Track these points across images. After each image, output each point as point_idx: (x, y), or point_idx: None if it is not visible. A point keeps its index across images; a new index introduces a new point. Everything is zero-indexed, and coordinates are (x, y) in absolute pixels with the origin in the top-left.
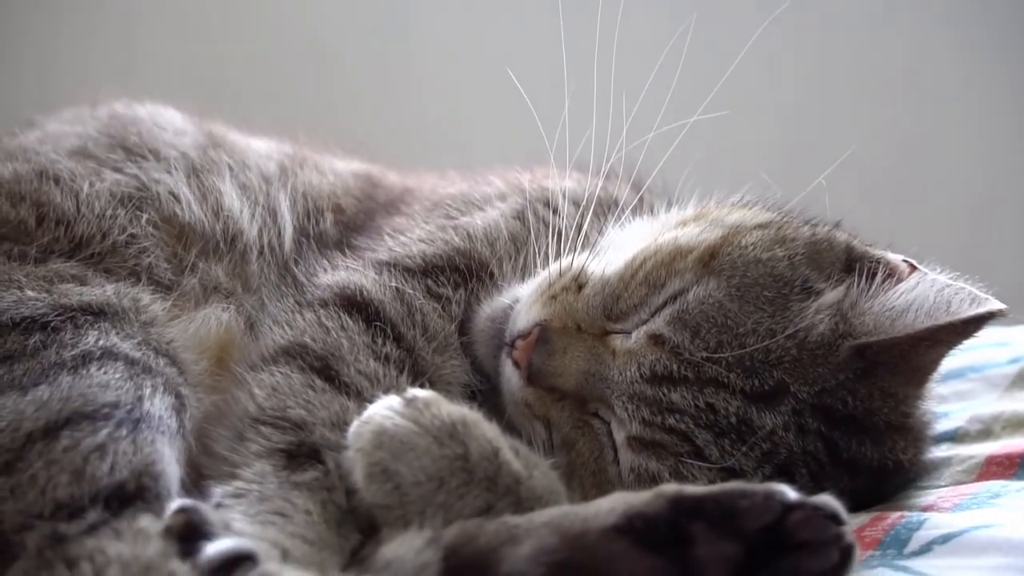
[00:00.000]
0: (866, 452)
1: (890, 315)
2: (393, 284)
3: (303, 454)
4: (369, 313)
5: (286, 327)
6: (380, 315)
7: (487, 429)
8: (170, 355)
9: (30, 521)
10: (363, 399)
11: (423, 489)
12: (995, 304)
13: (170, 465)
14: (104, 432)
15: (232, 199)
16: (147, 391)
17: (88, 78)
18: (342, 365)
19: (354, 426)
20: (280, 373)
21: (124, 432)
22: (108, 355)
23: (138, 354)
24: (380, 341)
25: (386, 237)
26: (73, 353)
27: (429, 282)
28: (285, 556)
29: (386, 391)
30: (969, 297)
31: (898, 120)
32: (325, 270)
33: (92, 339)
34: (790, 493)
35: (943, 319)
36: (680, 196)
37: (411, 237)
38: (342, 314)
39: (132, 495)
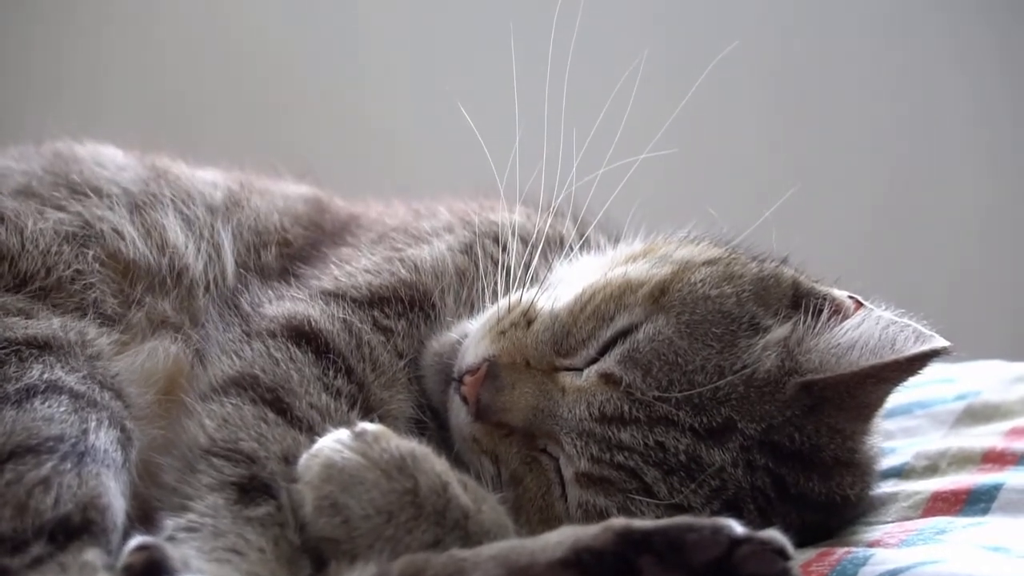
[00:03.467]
0: (814, 487)
1: (836, 352)
2: (341, 315)
3: (255, 488)
4: (319, 344)
5: (234, 357)
6: (330, 347)
7: (436, 463)
8: (115, 389)
9: None
10: (314, 433)
11: (372, 523)
12: (940, 342)
13: (116, 498)
14: (48, 465)
15: (176, 234)
16: (92, 424)
17: (52, 109)
18: (293, 398)
19: (303, 459)
20: (231, 404)
21: (69, 465)
22: (53, 389)
23: (83, 388)
24: (331, 374)
25: (332, 266)
26: (17, 387)
27: (376, 313)
28: None
29: (336, 426)
30: (914, 335)
31: (843, 156)
32: (271, 300)
33: (37, 372)
34: (737, 528)
35: (888, 357)
36: (628, 232)
37: (357, 267)
38: (290, 345)
39: (78, 528)
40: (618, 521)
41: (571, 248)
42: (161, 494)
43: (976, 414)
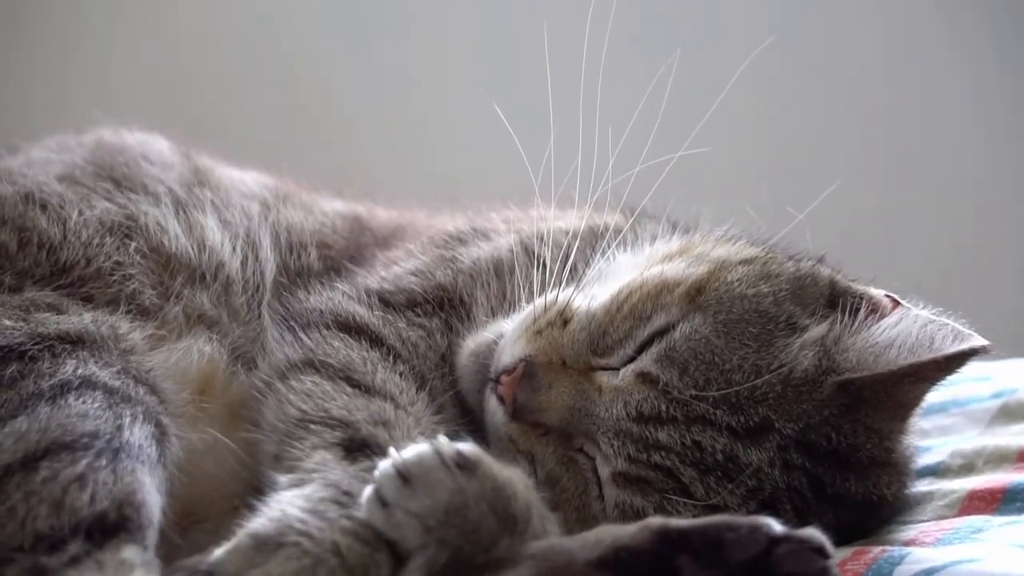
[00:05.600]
0: (850, 487)
1: (873, 351)
2: (380, 314)
3: (356, 448)
4: (370, 336)
5: (296, 346)
6: (382, 340)
7: (523, 488)
8: (150, 384)
9: (10, 555)
10: (396, 404)
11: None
12: (978, 340)
13: (151, 495)
14: (83, 462)
15: (215, 234)
16: (127, 420)
17: (65, 105)
18: (363, 376)
19: (391, 470)
20: (310, 381)
21: (104, 462)
22: (86, 384)
23: (117, 383)
24: (391, 359)
25: (379, 267)
26: (51, 383)
27: (408, 314)
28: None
29: (411, 403)
30: (952, 333)
31: (882, 155)
32: (318, 294)
33: (70, 368)
34: (776, 526)
35: (926, 356)
36: (665, 230)
37: (404, 269)
38: (344, 335)
39: (114, 526)
40: (656, 520)
41: (608, 247)
42: (264, 461)
43: (1012, 412)
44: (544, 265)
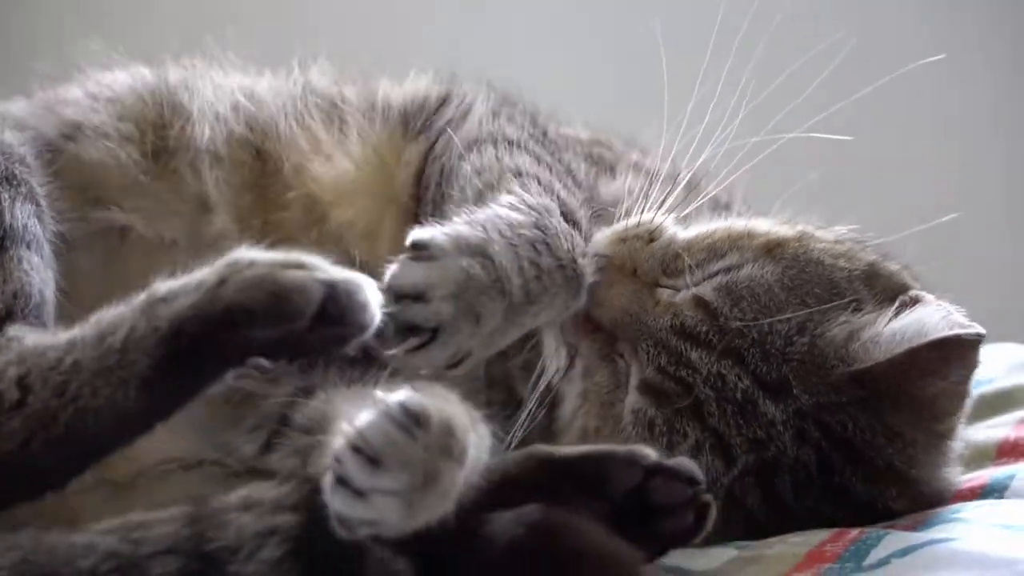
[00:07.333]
0: (856, 484)
1: (876, 340)
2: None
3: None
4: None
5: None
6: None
7: (462, 416)
8: (28, 163)
9: None
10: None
11: None
12: (974, 329)
13: (39, 273)
14: None
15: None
16: (6, 204)
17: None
18: (548, 185)
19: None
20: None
21: None
22: None
23: None
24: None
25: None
26: None
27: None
28: None
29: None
30: (946, 322)
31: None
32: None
33: None
34: (651, 455)
35: (916, 342)
36: (778, 209)
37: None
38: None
39: (7, 315)
40: (541, 448)
41: (719, 208)
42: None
43: (990, 403)
44: (656, 200)
